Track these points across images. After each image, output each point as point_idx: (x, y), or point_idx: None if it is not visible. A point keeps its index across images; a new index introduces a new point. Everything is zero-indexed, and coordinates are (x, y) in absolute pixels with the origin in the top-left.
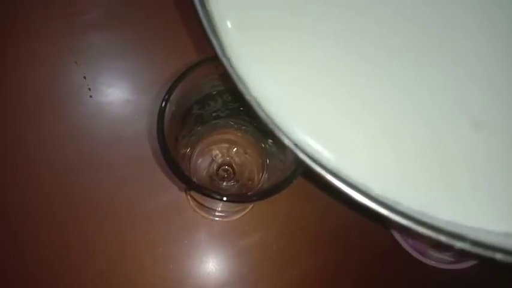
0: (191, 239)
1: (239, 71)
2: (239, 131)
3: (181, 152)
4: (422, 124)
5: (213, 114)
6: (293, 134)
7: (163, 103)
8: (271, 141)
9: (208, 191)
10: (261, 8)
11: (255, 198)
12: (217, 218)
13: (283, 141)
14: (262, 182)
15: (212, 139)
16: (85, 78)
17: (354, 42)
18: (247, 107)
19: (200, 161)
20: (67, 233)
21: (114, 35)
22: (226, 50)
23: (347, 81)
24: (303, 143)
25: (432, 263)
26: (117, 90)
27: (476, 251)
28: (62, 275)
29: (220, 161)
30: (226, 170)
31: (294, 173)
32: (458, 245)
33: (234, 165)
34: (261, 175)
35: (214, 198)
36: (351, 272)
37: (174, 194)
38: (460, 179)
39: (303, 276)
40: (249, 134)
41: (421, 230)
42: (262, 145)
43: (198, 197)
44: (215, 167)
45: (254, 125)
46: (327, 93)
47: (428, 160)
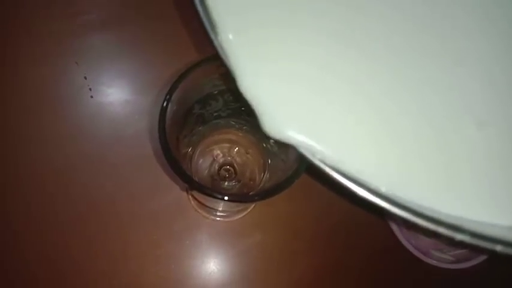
0: (192, 239)
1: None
2: (240, 131)
3: (183, 152)
4: (425, 122)
5: (214, 114)
6: (293, 132)
7: (164, 102)
8: (273, 141)
9: (209, 190)
10: (260, 7)
11: (257, 198)
12: (218, 218)
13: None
14: (263, 182)
15: (213, 139)
16: (86, 78)
17: (355, 42)
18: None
19: (201, 161)
20: (68, 233)
21: (114, 36)
22: (225, 48)
23: (349, 80)
24: (306, 141)
25: (434, 263)
26: (118, 91)
27: (476, 242)
28: (64, 275)
29: (221, 161)
30: (228, 170)
31: (296, 172)
32: (458, 237)
33: (236, 165)
34: (262, 175)
35: (216, 198)
36: (352, 272)
37: (175, 194)
38: (462, 176)
39: (303, 276)
40: (251, 133)
41: (420, 222)
42: (264, 145)
43: (199, 196)
44: (216, 167)
45: (255, 124)
46: (328, 92)
47: (431, 157)
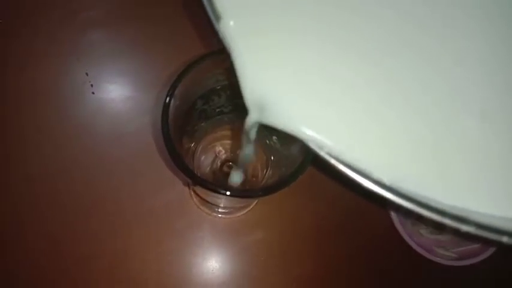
0: (194, 236)
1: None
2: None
3: (185, 148)
4: (426, 117)
5: (217, 110)
6: (305, 127)
7: (167, 97)
8: (276, 137)
9: (212, 185)
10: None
11: (260, 193)
12: (220, 215)
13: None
14: (266, 179)
15: (216, 135)
16: (87, 74)
17: (354, 41)
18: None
19: (204, 157)
20: (71, 229)
21: (116, 32)
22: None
23: (355, 73)
24: (316, 136)
25: (437, 260)
26: (119, 87)
27: (481, 234)
28: (66, 271)
29: (223, 157)
30: (230, 167)
31: (299, 168)
32: (464, 228)
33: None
34: (265, 172)
35: (219, 193)
36: (355, 269)
37: (177, 191)
38: (466, 168)
39: (306, 273)
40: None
41: (426, 213)
42: (267, 141)
43: (201, 192)
44: (219, 164)
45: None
46: (336, 84)
47: (434, 149)
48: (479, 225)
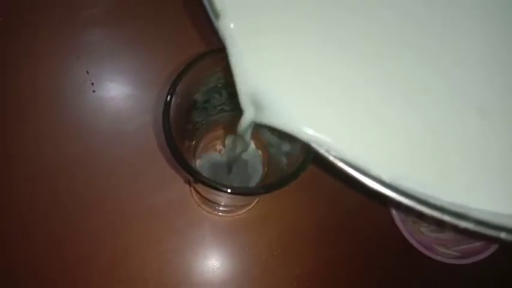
0: (195, 234)
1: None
2: None
3: (186, 146)
4: (427, 117)
5: (218, 108)
6: (307, 127)
7: (169, 95)
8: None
9: (214, 183)
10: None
11: (262, 191)
12: (221, 214)
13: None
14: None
15: (217, 134)
16: (88, 73)
17: (354, 41)
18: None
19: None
20: (72, 228)
21: (116, 31)
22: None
23: (348, 79)
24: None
25: (438, 258)
26: (120, 85)
27: (480, 230)
28: (66, 270)
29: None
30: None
31: (301, 166)
32: (463, 224)
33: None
34: (266, 170)
35: (220, 191)
36: (356, 268)
37: (177, 190)
38: (464, 165)
39: (306, 271)
40: (254, 128)
41: (425, 210)
42: (268, 140)
43: (202, 190)
44: None
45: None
46: (336, 85)
47: (433, 147)
48: (478, 222)
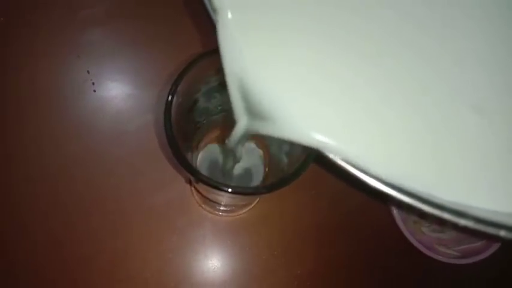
0: (195, 234)
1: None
2: None
3: (187, 145)
4: (425, 116)
5: (219, 107)
6: (314, 132)
7: (170, 94)
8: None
9: (215, 182)
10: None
11: (263, 190)
12: (221, 213)
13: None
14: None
15: (217, 133)
16: (88, 72)
17: (354, 41)
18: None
19: None
20: (71, 228)
21: (117, 30)
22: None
23: (348, 79)
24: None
25: (439, 258)
26: (121, 85)
27: (480, 228)
28: (66, 270)
29: None
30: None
31: (302, 166)
32: (462, 222)
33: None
34: (267, 170)
35: (222, 190)
36: (356, 267)
37: (177, 189)
38: (464, 164)
39: (307, 271)
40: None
41: (425, 208)
42: (269, 140)
43: (203, 190)
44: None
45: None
46: (327, 90)
47: (433, 146)
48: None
